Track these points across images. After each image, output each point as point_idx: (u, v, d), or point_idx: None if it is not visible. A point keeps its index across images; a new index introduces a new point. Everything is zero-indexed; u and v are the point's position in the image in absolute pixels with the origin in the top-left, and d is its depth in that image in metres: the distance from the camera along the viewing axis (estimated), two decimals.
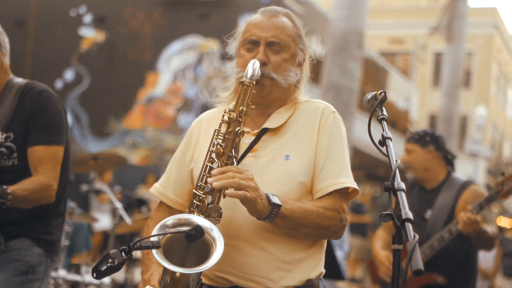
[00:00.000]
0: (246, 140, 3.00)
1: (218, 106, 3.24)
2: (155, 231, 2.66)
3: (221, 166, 2.78)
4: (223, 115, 2.86)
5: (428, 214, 5.33)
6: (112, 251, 2.54)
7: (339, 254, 5.82)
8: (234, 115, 2.83)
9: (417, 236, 2.27)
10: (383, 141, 2.72)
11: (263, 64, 2.95)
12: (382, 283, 5.54)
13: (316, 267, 3.03)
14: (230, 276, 2.92)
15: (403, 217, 2.35)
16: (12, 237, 3.95)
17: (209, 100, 20.43)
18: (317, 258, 3.04)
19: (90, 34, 22.37)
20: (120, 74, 21.74)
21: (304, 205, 2.87)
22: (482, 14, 38.10)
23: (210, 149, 2.85)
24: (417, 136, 5.47)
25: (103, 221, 11.10)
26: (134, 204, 11.14)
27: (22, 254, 3.92)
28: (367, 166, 27.77)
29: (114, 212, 6.60)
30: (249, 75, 2.84)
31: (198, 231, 2.62)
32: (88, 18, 22.38)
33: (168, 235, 2.67)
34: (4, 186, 3.67)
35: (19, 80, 4.05)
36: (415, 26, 37.46)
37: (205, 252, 2.66)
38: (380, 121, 2.84)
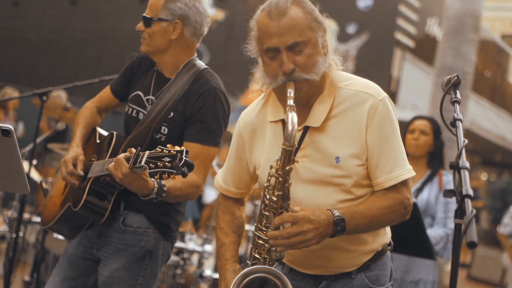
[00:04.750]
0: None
1: (255, 102, 3.33)
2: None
3: (276, 215, 2.84)
4: (269, 172, 2.85)
5: None
6: None
7: (441, 231, 5.80)
8: (281, 174, 2.81)
9: (474, 211, 2.43)
10: (454, 123, 2.86)
11: (292, 71, 2.91)
12: None
13: (382, 238, 3.21)
14: (313, 271, 3.16)
15: (464, 193, 2.51)
16: (131, 207, 4.01)
17: None
18: (382, 231, 3.22)
19: (210, 13, 22.65)
20: (239, 52, 21.99)
21: (368, 211, 2.94)
22: None
23: (263, 199, 2.90)
24: None
25: (210, 195, 11.39)
26: None
27: (138, 239, 3.99)
28: (483, 151, 27.29)
29: None
30: (288, 136, 2.75)
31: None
32: None
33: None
34: (163, 183, 3.65)
35: (199, 63, 4.12)
36: None
37: None
38: (453, 103, 2.96)
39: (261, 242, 2.94)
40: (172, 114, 3.96)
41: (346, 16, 20.01)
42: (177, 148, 3.30)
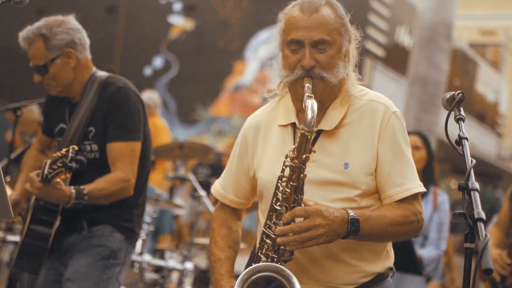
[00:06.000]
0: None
1: (267, 103, 3.26)
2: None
3: (288, 209, 2.77)
4: (284, 161, 2.80)
5: None
6: None
7: (433, 253, 5.77)
8: (297, 163, 2.76)
9: (488, 236, 2.33)
10: (460, 141, 2.77)
11: (312, 67, 2.89)
12: (491, 281, 5.44)
13: (384, 260, 3.11)
14: (306, 285, 2.99)
15: (476, 216, 2.41)
16: (95, 223, 4.14)
17: None
18: (385, 252, 3.12)
19: (179, 22, 22.62)
20: (208, 62, 21.94)
21: (382, 218, 2.88)
22: None
23: (276, 192, 2.83)
24: None
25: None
26: None
27: (104, 240, 4.12)
28: (453, 159, 27.40)
29: (198, 200, 6.81)
30: (307, 121, 2.72)
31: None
32: (177, 6, 22.61)
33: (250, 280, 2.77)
34: (82, 187, 3.86)
35: (101, 74, 4.22)
36: (506, 17, 36.70)
37: None
38: (457, 121, 2.88)
39: (269, 241, 2.84)
40: (93, 130, 4.10)
41: None
42: (66, 148, 3.68)
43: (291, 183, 2.76)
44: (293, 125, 3.06)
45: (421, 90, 12.81)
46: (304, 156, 2.74)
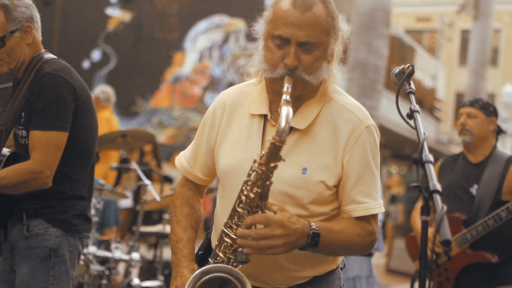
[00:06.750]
0: (268, 137, 2.76)
1: (242, 84, 3.10)
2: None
3: (250, 213, 2.68)
4: (252, 166, 2.67)
5: (475, 189, 5.25)
6: None
7: None
8: (264, 170, 2.63)
9: (445, 207, 2.29)
10: (411, 115, 2.74)
11: (295, 67, 2.74)
12: None
13: (331, 263, 3.05)
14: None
15: (431, 188, 2.38)
16: (31, 215, 3.99)
17: (236, 78, 20.44)
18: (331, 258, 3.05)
19: (116, 14, 22.43)
20: (147, 53, 21.81)
21: (341, 234, 2.81)
22: None
23: (240, 195, 2.71)
24: (481, 103, 5.38)
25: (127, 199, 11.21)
26: (162, 181, 11.25)
27: (40, 240, 3.96)
28: (394, 145, 27.73)
29: (143, 189, 6.72)
30: (280, 130, 2.57)
31: None
32: None
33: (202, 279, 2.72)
34: None
35: (46, 56, 4.04)
36: (441, 3, 37.23)
37: None
38: (408, 94, 2.84)
39: (228, 240, 2.76)
40: (23, 115, 3.92)
41: (254, 15, 19.92)
42: None
43: (256, 189, 2.65)
44: (264, 116, 2.93)
45: (361, 75, 12.88)
46: (272, 164, 2.63)
